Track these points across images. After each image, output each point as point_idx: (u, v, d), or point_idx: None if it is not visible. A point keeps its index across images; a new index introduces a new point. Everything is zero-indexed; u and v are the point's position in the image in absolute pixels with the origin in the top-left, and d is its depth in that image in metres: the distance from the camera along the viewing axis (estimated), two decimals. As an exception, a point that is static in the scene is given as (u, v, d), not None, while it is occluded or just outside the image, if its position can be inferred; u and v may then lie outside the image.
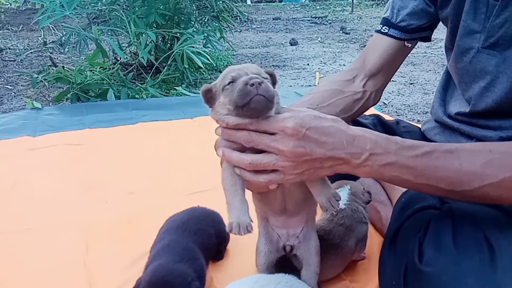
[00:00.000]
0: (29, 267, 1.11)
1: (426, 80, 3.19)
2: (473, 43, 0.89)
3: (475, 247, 0.73)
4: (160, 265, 0.90)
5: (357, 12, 7.09)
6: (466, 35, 0.90)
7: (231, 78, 0.69)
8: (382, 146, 0.70)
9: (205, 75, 3.36)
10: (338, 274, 1.03)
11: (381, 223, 1.15)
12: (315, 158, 0.68)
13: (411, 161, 0.70)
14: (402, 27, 1.01)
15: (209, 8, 3.43)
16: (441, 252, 0.74)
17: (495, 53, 0.86)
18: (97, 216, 1.32)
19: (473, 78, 0.92)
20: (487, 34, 0.86)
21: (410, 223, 0.87)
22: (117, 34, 3.14)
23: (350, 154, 0.69)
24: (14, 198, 1.44)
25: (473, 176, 0.70)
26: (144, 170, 1.63)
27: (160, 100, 2.61)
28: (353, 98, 1.03)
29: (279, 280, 0.83)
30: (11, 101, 2.76)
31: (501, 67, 0.86)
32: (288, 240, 0.86)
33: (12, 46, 4.22)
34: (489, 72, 0.88)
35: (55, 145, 1.87)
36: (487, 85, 0.89)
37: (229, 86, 0.69)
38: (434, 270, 0.71)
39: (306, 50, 4.42)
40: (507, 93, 0.86)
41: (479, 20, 0.87)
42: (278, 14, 7.09)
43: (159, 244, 0.98)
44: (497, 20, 0.84)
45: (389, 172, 0.71)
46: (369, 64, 1.05)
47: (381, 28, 1.04)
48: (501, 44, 0.85)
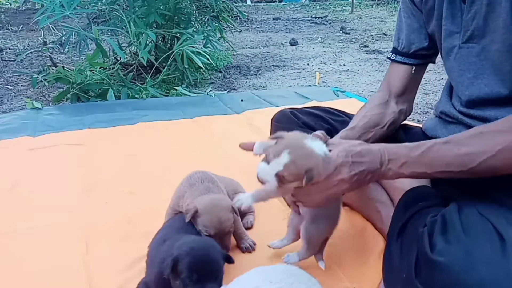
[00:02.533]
0: (29, 267, 1.11)
1: (426, 80, 3.19)
2: (455, 41, 1.00)
3: (486, 237, 0.75)
4: (194, 241, 0.91)
5: (357, 12, 7.10)
6: (448, 36, 1.01)
7: None
8: (394, 152, 0.88)
9: (205, 75, 3.36)
10: (338, 274, 1.04)
11: (382, 222, 1.15)
12: (361, 173, 0.87)
13: (419, 157, 0.86)
14: (405, 53, 1.15)
15: (209, 8, 3.43)
16: (453, 242, 0.76)
17: (473, 45, 0.96)
18: (97, 216, 1.32)
19: (461, 72, 1.00)
20: (463, 30, 0.97)
21: (417, 218, 0.90)
22: (117, 34, 3.14)
23: (380, 163, 0.87)
24: (14, 198, 1.44)
25: (473, 155, 0.82)
26: (144, 170, 1.63)
27: (160, 100, 2.61)
28: (393, 116, 1.17)
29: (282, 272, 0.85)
30: (11, 101, 2.76)
31: (481, 56, 0.95)
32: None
33: (12, 46, 4.23)
34: (473, 62, 0.97)
35: (55, 145, 1.87)
36: (474, 74, 0.97)
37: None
38: (447, 260, 0.73)
39: (306, 50, 4.42)
40: (494, 76, 0.93)
41: (457, 22, 0.99)
42: (278, 14, 7.09)
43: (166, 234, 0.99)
44: (468, 15, 0.94)
45: (407, 170, 0.87)
46: (393, 88, 1.19)
47: (391, 55, 1.19)
48: (476, 36, 0.94)
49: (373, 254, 1.10)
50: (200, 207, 1.03)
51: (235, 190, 1.26)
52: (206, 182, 1.15)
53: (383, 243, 1.13)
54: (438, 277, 0.73)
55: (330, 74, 3.46)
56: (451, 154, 0.84)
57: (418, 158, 0.86)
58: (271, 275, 0.83)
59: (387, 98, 1.19)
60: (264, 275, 0.84)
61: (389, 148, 0.89)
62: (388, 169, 0.87)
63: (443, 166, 0.85)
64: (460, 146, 0.84)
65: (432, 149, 0.86)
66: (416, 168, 0.86)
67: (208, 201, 1.05)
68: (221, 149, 1.81)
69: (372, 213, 1.17)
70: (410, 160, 0.86)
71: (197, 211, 1.03)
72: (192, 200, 1.08)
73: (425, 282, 0.75)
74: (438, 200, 0.95)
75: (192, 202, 1.06)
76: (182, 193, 1.14)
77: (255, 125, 2.08)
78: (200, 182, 1.14)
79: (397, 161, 0.87)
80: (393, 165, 0.87)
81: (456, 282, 0.70)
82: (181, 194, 1.14)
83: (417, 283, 0.76)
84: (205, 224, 1.02)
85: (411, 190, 1.01)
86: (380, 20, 6.15)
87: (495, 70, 0.93)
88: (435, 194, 0.99)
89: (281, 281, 0.81)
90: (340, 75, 3.40)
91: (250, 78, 3.39)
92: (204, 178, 1.16)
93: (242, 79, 3.35)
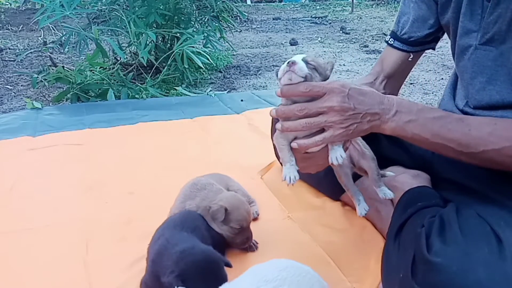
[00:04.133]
0: (29, 267, 1.11)
1: (426, 80, 3.19)
2: (471, 41, 0.95)
3: (483, 238, 0.75)
4: (200, 249, 0.91)
5: (357, 12, 7.09)
6: (464, 34, 0.96)
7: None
8: (406, 106, 0.84)
9: (205, 75, 3.36)
10: (338, 274, 1.04)
11: (382, 222, 1.15)
12: (357, 113, 0.82)
13: (429, 121, 0.84)
14: (404, 39, 1.12)
15: (209, 8, 3.43)
16: (450, 243, 0.76)
17: (491, 48, 0.91)
18: (97, 216, 1.32)
19: (474, 74, 0.96)
20: (483, 31, 0.91)
21: (415, 218, 0.89)
22: (117, 34, 3.14)
23: (382, 110, 0.83)
24: (14, 198, 1.44)
25: (479, 141, 0.82)
26: (144, 170, 1.63)
27: (160, 100, 2.61)
28: None
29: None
30: (11, 101, 2.76)
31: (498, 61, 0.91)
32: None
33: (12, 46, 4.22)
34: (488, 66, 0.92)
35: (55, 145, 1.87)
36: (488, 79, 0.93)
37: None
38: (443, 260, 0.73)
39: (306, 50, 4.41)
40: (508, 86, 0.90)
41: (475, 20, 0.93)
42: (278, 14, 7.08)
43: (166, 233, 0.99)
44: (491, 17, 0.89)
45: (411, 129, 0.84)
46: (387, 69, 1.17)
47: (389, 39, 1.16)
48: (496, 40, 0.90)
49: (373, 254, 1.10)
50: (228, 205, 1.08)
51: (227, 185, 1.28)
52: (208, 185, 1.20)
53: (383, 243, 1.12)
54: (434, 277, 0.73)
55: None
56: (460, 131, 0.83)
57: (427, 121, 0.84)
58: (266, 274, 0.83)
59: (374, 78, 1.16)
60: (260, 274, 0.84)
61: (400, 100, 0.85)
62: (392, 120, 0.84)
63: (447, 139, 0.84)
64: (471, 128, 0.83)
65: (445, 119, 0.85)
66: (421, 131, 0.84)
67: (231, 198, 1.11)
68: (221, 149, 1.81)
69: (372, 213, 1.17)
70: (420, 120, 0.84)
71: (226, 209, 1.07)
72: (209, 201, 1.12)
73: (422, 283, 0.74)
74: (437, 200, 0.94)
75: (212, 203, 1.10)
76: (187, 198, 1.17)
77: (255, 125, 2.08)
78: (204, 187, 1.19)
79: (405, 116, 0.84)
80: (399, 117, 0.84)
81: (453, 283, 0.70)
82: (186, 198, 1.17)
83: (413, 284, 0.76)
84: (238, 219, 1.07)
85: (411, 190, 1.01)
86: (380, 20, 6.15)
87: (510, 78, 0.90)
88: (434, 194, 0.98)
89: (276, 279, 0.81)
90: (340, 75, 3.40)
91: (250, 78, 3.39)
92: (204, 184, 1.20)
93: (242, 79, 3.35)
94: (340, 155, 0.86)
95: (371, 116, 0.83)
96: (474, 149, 0.83)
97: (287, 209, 1.31)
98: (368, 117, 0.83)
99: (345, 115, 0.82)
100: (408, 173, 1.10)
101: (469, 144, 0.83)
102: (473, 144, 0.83)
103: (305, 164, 0.92)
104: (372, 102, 0.83)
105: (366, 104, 0.83)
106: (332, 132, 0.84)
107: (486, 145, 0.81)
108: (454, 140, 0.84)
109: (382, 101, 0.84)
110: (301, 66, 0.83)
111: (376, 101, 0.83)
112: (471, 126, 0.83)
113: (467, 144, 0.83)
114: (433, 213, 0.86)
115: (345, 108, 0.81)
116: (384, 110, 0.83)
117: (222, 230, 1.08)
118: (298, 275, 0.83)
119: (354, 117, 0.82)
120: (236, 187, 1.29)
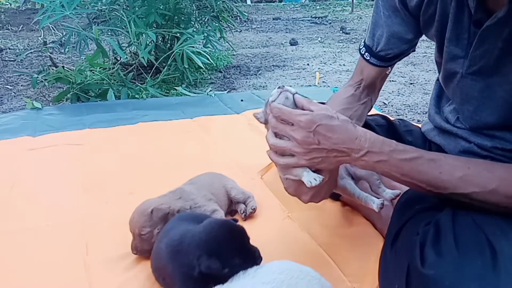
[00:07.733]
0: (29, 267, 1.11)
1: (426, 80, 3.19)
2: (457, 68, 0.91)
3: (477, 250, 0.73)
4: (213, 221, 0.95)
5: (357, 12, 7.10)
6: (450, 60, 0.92)
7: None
8: (378, 146, 0.83)
9: (205, 75, 3.36)
10: (338, 274, 1.04)
11: (381, 222, 1.15)
12: (322, 148, 0.82)
13: (399, 162, 0.83)
14: (381, 56, 1.07)
15: (209, 8, 3.43)
16: (443, 255, 0.74)
17: (478, 79, 0.88)
18: (97, 216, 1.32)
19: (463, 100, 0.95)
20: (470, 62, 0.88)
21: (411, 225, 0.88)
22: (117, 34, 3.15)
23: (350, 149, 0.82)
24: (14, 198, 1.44)
25: (448, 184, 0.82)
26: (144, 170, 1.63)
27: (160, 100, 2.61)
28: (361, 109, 1.12)
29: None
30: (11, 101, 2.76)
31: (485, 93, 0.88)
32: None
33: (12, 46, 4.23)
34: (475, 97, 0.90)
35: (55, 145, 1.86)
36: (475, 109, 0.92)
37: None
38: (437, 274, 0.72)
39: (306, 50, 4.42)
40: (496, 118, 0.89)
41: (462, 46, 0.88)
42: (278, 14, 7.09)
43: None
44: (477, 51, 0.85)
45: (381, 168, 0.84)
46: (367, 80, 1.12)
47: (364, 54, 1.11)
48: (483, 72, 0.86)
49: (373, 254, 1.10)
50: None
51: (222, 183, 1.30)
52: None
53: (382, 243, 1.12)
54: None
55: (330, 74, 3.46)
56: (430, 174, 0.83)
57: (398, 162, 0.83)
58: (263, 276, 0.83)
59: (355, 89, 1.12)
60: (257, 276, 0.84)
61: (373, 138, 0.84)
62: (362, 159, 0.83)
63: (417, 180, 0.84)
64: (442, 171, 0.82)
65: (416, 161, 0.83)
66: (391, 170, 0.84)
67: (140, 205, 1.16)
68: (221, 149, 1.81)
69: (372, 213, 1.17)
70: (390, 161, 0.83)
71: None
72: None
73: None
74: (435, 202, 0.93)
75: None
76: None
77: (255, 125, 2.07)
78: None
79: (376, 156, 0.83)
80: (370, 157, 0.83)
81: None
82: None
83: None
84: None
85: (409, 191, 1.00)
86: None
87: (498, 110, 0.88)
88: (432, 196, 0.98)
89: (273, 281, 0.81)
90: (340, 75, 3.40)
91: (250, 78, 3.39)
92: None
93: (242, 79, 3.35)
94: (314, 178, 0.85)
95: (338, 153, 0.83)
96: (443, 190, 0.83)
97: (287, 209, 1.31)
98: (334, 153, 0.83)
99: (308, 148, 0.82)
100: None
101: (438, 186, 0.83)
102: (442, 186, 0.82)
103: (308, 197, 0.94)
104: (341, 140, 0.82)
105: (332, 141, 0.82)
106: (297, 160, 0.85)
107: (454, 188, 0.81)
108: (424, 181, 0.83)
109: (352, 140, 0.82)
110: (289, 88, 0.86)
111: (347, 139, 0.82)
112: (443, 169, 0.82)
113: (436, 186, 0.83)
114: (429, 219, 0.85)
115: (307, 142, 0.82)
116: (353, 150, 0.82)
117: None
118: (297, 278, 0.83)
119: (319, 151, 0.82)
120: (231, 185, 1.31)
